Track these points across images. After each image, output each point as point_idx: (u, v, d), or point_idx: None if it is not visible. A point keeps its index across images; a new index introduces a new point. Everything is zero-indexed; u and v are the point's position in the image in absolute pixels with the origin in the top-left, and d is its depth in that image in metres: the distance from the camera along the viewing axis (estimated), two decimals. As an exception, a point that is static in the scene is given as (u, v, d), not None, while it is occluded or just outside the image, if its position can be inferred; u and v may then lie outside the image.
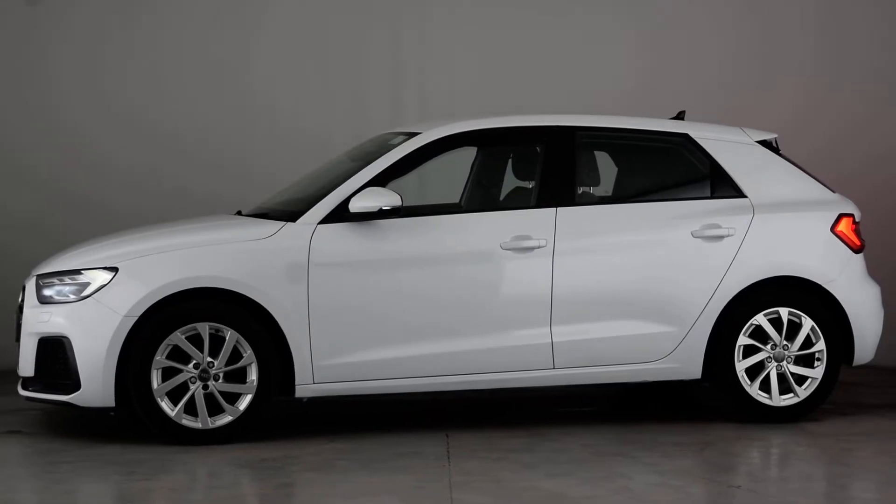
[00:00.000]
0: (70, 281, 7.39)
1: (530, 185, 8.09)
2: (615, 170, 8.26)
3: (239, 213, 8.15)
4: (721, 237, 7.91)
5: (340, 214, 7.54)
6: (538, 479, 6.46)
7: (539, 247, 7.68)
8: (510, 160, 8.43)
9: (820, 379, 8.00)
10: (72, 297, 7.35)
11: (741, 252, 7.92)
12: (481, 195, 8.74)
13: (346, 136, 9.35)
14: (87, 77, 10.55)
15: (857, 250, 8.17)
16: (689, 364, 7.89)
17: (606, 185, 8.23)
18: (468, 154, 8.82)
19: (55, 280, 7.44)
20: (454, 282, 7.62)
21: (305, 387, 7.46)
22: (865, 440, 7.49)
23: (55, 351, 7.35)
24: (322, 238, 7.49)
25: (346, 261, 7.50)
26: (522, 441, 7.40)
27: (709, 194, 8.09)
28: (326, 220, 7.54)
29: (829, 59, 10.96)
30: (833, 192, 8.30)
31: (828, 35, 10.97)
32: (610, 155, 8.27)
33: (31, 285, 7.59)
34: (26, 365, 7.50)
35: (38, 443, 7.50)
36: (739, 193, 8.07)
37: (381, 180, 7.65)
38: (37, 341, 7.42)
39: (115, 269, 7.34)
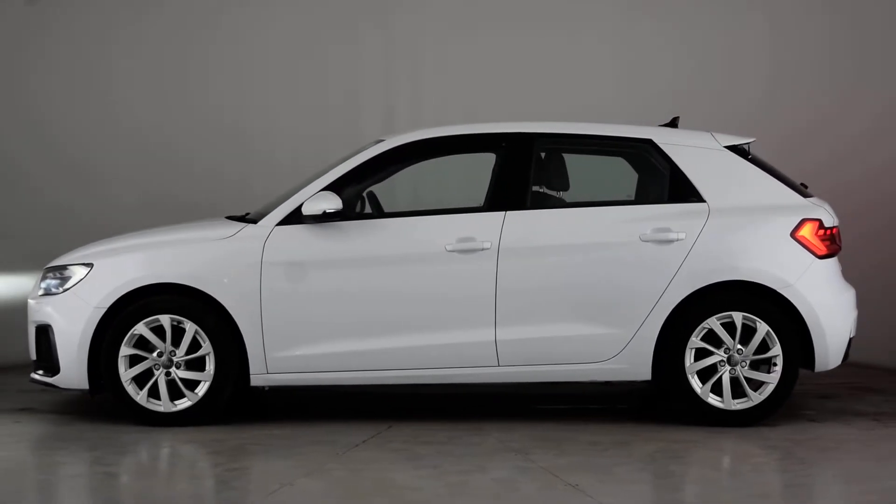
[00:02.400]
0: (59, 275, 8.25)
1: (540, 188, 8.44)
2: (576, 175, 8.48)
3: (248, 214, 8.77)
4: (670, 241, 8.03)
5: (297, 217, 8.11)
6: (397, 471, 6.87)
7: (483, 249, 8.02)
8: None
9: (775, 384, 8.02)
10: (59, 289, 8.20)
11: (691, 256, 8.02)
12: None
13: (340, 142, 9.80)
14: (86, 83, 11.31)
15: (822, 256, 8.11)
16: (636, 365, 8.05)
17: (578, 190, 8.48)
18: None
19: (50, 274, 8.31)
20: (400, 281, 8.04)
21: (259, 376, 8.06)
22: (785, 448, 7.46)
23: (43, 337, 8.22)
24: (277, 239, 8.07)
25: (297, 260, 8.05)
26: (451, 434, 7.76)
27: (667, 199, 8.22)
28: (284, 222, 8.12)
29: (839, 66, 10.88)
30: (805, 196, 8.26)
31: (839, 40, 10.89)
32: (571, 161, 8.49)
33: (38, 279, 8.50)
34: (31, 350, 8.42)
35: (34, 420, 8.37)
36: (698, 198, 8.16)
37: (337, 186, 8.15)
38: (34, 328, 8.32)
39: (90, 265, 8.16)
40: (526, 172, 8.23)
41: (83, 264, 8.19)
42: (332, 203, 8.00)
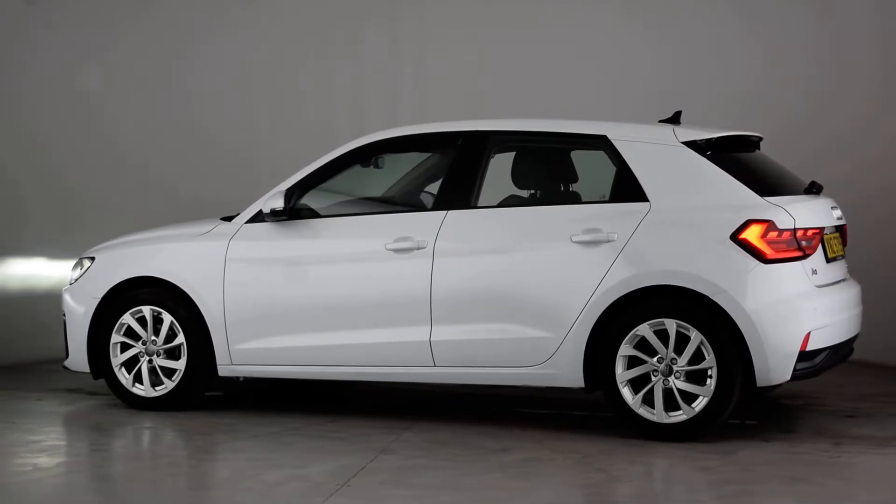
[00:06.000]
0: (77, 268, 9.03)
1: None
2: (528, 173, 8.26)
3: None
4: (599, 242, 7.67)
5: (261, 216, 8.43)
6: (229, 461, 7.29)
7: (419, 248, 8.00)
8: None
9: (709, 397, 7.46)
10: (73, 280, 8.99)
11: (620, 258, 7.61)
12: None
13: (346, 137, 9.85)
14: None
15: (770, 260, 7.44)
16: (567, 371, 7.74)
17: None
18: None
19: (75, 266, 9.10)
20: (344, 279, 8.18)
21: (225, 367, 8.45)
22: (663, 465, 7.00)
23: (63, 324, 9.04)
24: (241, 236, 8.44)
25: (256, 257, 8.38)
26: (365, 431, 7.84)
27: (610, 198, 7.84)
28: (252, 220, 8.47)
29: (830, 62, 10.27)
30: (763, 196, 7.57)
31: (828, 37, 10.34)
32: (525, 158, 8.26)
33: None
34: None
35: (54, 398, 9.17)
36: (642, 197, 7.72)
37: (304, 185, 8.38)
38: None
39: (93, 259, 8.88)
40: (474, 171, 8.11)
41: (89, 258, 8.92)
42: (277, 203, 8.26)
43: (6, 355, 10.55)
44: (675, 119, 8.24)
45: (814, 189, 8.11)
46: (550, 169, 8.25)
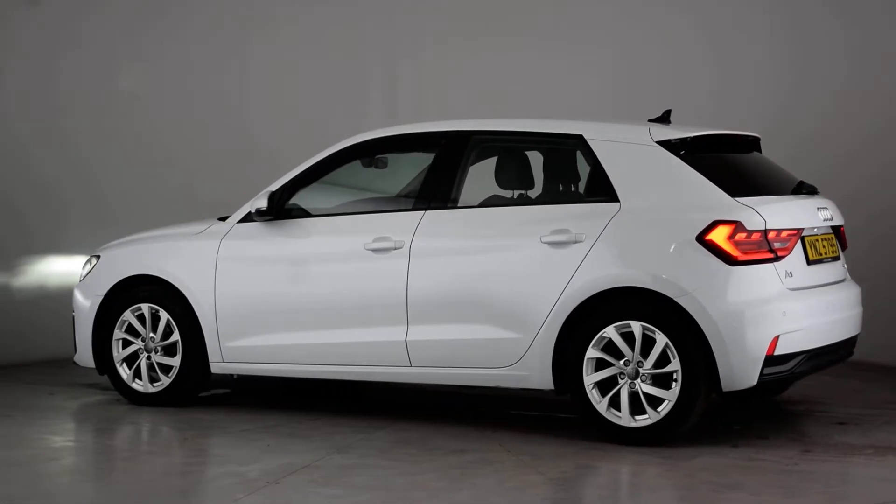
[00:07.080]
0: (86, 265, 9.25)
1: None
2: (507, 173, 8.18)
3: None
4: (568, 243, 7.58)
5: (251, 216, 8.53)
6: (187, 456, 7.36)
7: (395, 248, 8.01)
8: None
9: (674, 401, 7.32)
10: (82, 278, 9.20)
11: (588, 259, 7.52)
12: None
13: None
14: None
15: (739, 262, 7.27)
16: (537, 373, 7.67)
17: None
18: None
19: (85, 264, 9.31)
20: (325, 278, 8.24)
21: (217, 364, 8.57)
22: (616, 472, 6.92)
23: (72, 320, 9.26)
24: (232, 236, 8.56)
25: (245, 256, 8.49)
26: (336, 430, 7.91)
27: (581, 198, 7.77)
28: (244, 220, 8.58)
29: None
30: (736, 197, 7.39)
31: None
32: (504, 158, 8.19)
33: (85, 268, 9.55)
34: (84, 332, 9.47)
35: (66, 392, 9.41)
36: (613, 197, 7.61)
37: (293, 186, 8.46)
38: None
39: (98, 257, 9.08)
40: (452, 170, 8.09)
41: (96, 256, 9.13)
42: (262, 203, 8.35)
43: (40, 351, 10.84)
44: (664, 118, 8.12)
45: (803, 189, 7.92)
46: (529, 169, 8.18)
